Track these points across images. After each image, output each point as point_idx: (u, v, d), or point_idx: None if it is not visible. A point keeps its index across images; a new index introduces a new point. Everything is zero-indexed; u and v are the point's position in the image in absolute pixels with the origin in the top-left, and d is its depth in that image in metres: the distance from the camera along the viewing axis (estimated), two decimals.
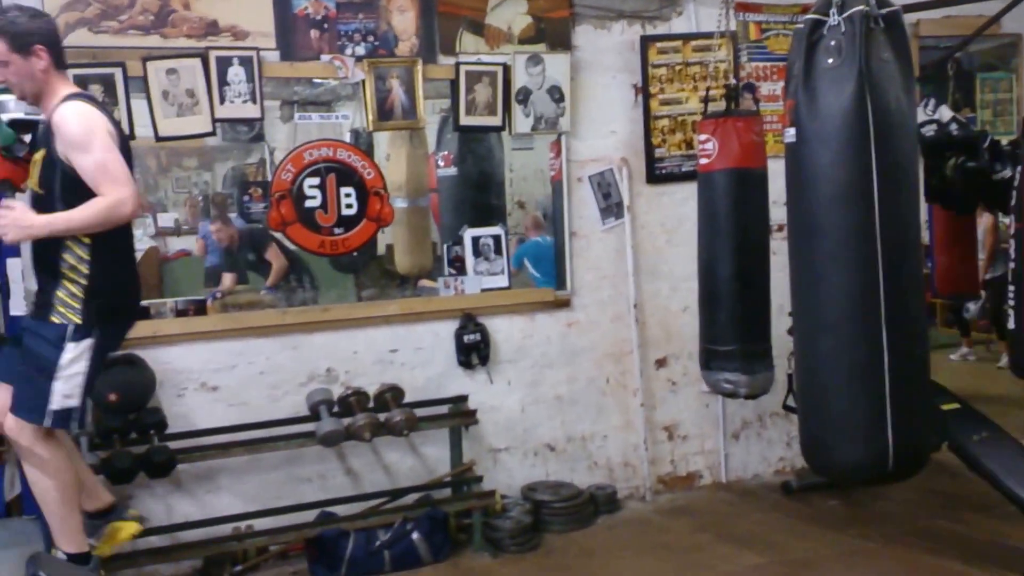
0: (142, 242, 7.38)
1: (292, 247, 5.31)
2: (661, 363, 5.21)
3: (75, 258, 2.83)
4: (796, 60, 3.37)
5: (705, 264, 4.32)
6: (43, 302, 2.84)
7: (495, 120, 4.80)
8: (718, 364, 4.26)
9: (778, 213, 4.18)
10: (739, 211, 4.19)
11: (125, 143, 3.00)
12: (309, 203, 4.49)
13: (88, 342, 2.82)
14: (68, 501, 2.88)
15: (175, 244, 8.39)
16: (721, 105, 4.45)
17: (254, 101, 4.37)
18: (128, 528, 3.08)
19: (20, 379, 2.84)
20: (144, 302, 4.25)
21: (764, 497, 5.11)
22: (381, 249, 6.43)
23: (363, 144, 5.66)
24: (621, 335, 5.11)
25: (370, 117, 4.57)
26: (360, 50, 4.56)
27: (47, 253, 2.85)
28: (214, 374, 4.35)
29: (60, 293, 2.81)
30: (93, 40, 4.12)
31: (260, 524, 4.27)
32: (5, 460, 3.56)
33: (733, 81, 4.54)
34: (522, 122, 4.84)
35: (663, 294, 5.19)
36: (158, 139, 4.29)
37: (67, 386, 2.79)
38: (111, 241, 2.85)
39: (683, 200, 5.05)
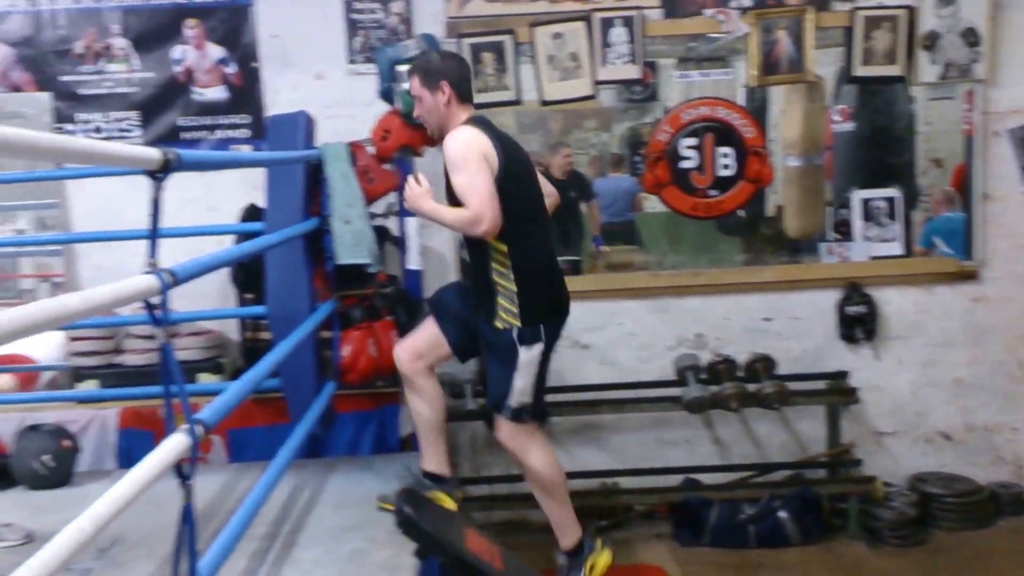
0: None
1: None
2: None
3: (500, 272, 3.07)
4: None
5: None
6: (487, 308, 3.09)
7: (895, 69, 4.43)
8: None
9: None
10: None
11: (518, 156, 3.17)
12: (684, 164, 4.50)
13: (538, 347, 3.05)
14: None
15: None
16: None
17: (634, 61, 4.46)
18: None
19: (490, 363, 3.15)
20: None
21: None
22: (770, 211, 6.24)
23: (756, 100, 5.51)
24: None
25: (753, 71, 4.46)
26: (747, 1, 4.45)
27: (479, 267, 3.13)
28: (586, 332, 4.58)
29: (500, 300, 3.06)
30: (487, 9, 4.46)
31: (626, 483, 4.45)
32: (400, 400, 4.06)
33: None
34: (927, 70, 4.41)
35: None
36: (543, 103, 4.54)
37: (522, 384, 3.07)
38: (528, 252, 3.04)
39: None
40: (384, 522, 2.99)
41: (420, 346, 3.22)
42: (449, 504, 3.16)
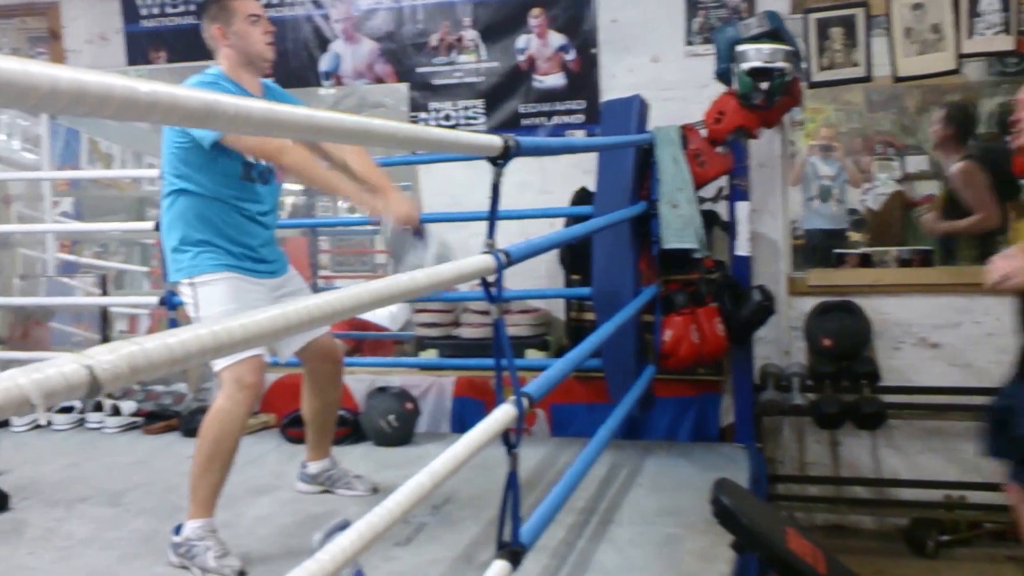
0: (886, 186, 7.45)
1: None
2: None
3: None
4: None
5: None
6: None
7: None
8: None
9: None
10: None
11: None
12: None
13: None
14: None
15: (922, 189, 8.25)
16: None
17: (1008, 31, 4.08)
18: None
19: None
20: (867, 249, 4.39)
21: None
22: None
23: None
24: None
25: None
26: None
27: None
28: (935, 330, 4.28)
29: None
30: None
31: (975, 497, 4.12)
32: (722, 389, 4.05)
33: None
34: None
35: None
36: (897, 79, 4.29)
37: None
38: None
39: None
40: (700, 510, 3.01)
41: None
42: None
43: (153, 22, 4.98)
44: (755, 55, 3.69)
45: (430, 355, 4.39)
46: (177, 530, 2.67)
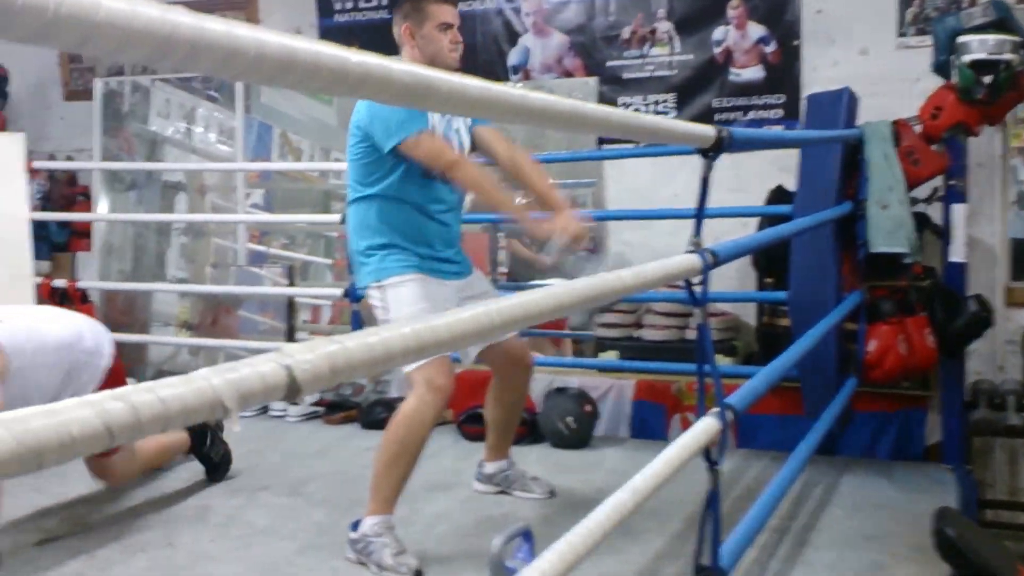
0: None
1: None
2: None
3: None
4: None
5: None
6: None
7: None
8: None
9: None
10: None
11: None
12: None
13: None
14: None
15: None
16: None
17: None
18: None
19: None
20: None
21: None
22: None
23: None
24: None
25: None
26: None
27: None
28: None
29: None
30: None
31: None
32: (928, 405, 3.72)
33: None
34: None
35: None
36: None
37: None
38: None
39: None
40: (907, 536, 2.76)
41: None
42: None
43: (346, 16, 5.05)
44: (978, 47, 3.40)
45: (610, 357, 4.25)
46: (355, 526, 2.65)
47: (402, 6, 2.79)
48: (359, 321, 3.89)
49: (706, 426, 1.83)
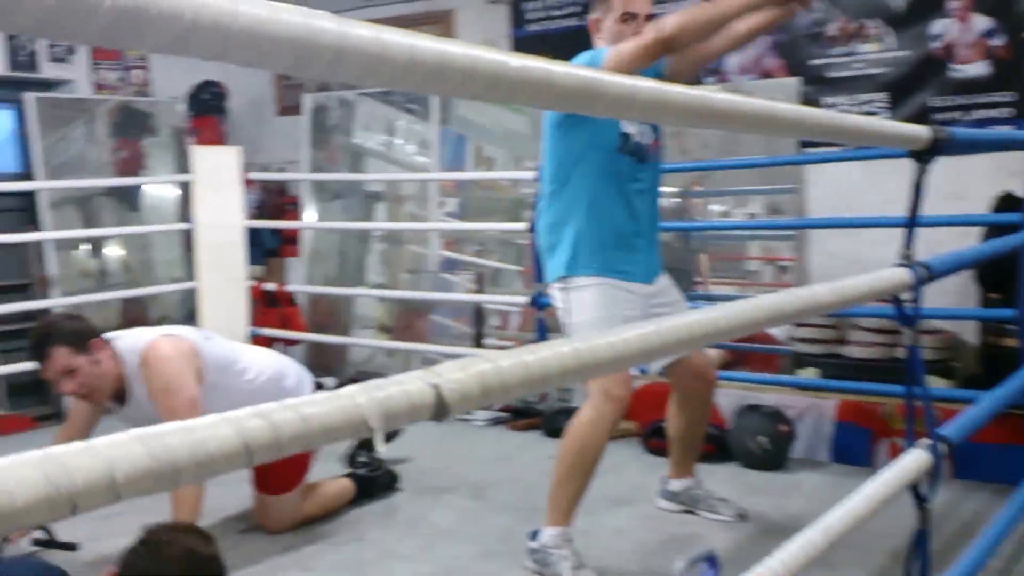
0: None
1: None
2: None
3: None
4: None
5: None
6: None
7: None
8: None
9: None
10: None
11: None
12: None
13: None
14: None
15: None
16: None
17: None
18: None
19: None
20: None
21: None
22: None
23: None
24: None
25: None
26: None
27: None
28: None
29: None
30: None
31: None
32: None
33: None
34: None
35: None
36: None
37: None
38: None
39: None
40: None
41: None
42: None
43: (539, 26, 5.06)
44: None
45: (809, 374, 4.01)
46: (534, 535, 2.63)
47: None
48: (544, 329, 3.87)
49: (915, 459, 1.66)
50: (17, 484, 0.54)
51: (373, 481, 3.38)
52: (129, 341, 2.75)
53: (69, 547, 2.79)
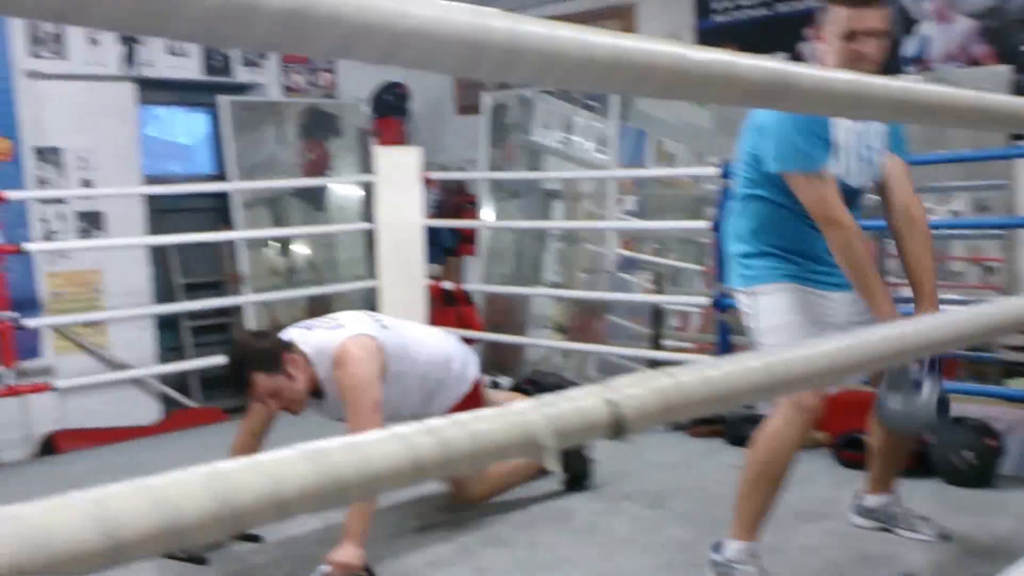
0: None
1: None
2: None
3: None
4: None
5: None
6: None
7: None
8: None
9: None
10: None
11: None
12: None
13: None
14: None
15: None
16: None
17: None
18: None
19: None
20: None
21: None
22: None
23: None
24: None
25: None
26: None
27: None
28: None
29: None
30: None
31: None
32: None
33: None
34: None
35: None
36: None
37: None
38: None
39: None
40: None
41: None
42: None
43: (725, 16, 4.90)
44: None
45: (1020, 384, 3.71)
46: (716, 547, 2.53)
47: (825, 6, 2.51)
48: (726, 331, 3.75)
49: None
50: (183, 499, 0.54)
51: (566, 455, 3.41)
52: (316, 342, 2.87)
53: (253, 539, 2.93)
